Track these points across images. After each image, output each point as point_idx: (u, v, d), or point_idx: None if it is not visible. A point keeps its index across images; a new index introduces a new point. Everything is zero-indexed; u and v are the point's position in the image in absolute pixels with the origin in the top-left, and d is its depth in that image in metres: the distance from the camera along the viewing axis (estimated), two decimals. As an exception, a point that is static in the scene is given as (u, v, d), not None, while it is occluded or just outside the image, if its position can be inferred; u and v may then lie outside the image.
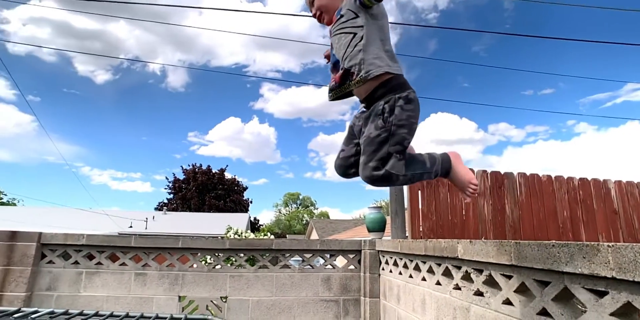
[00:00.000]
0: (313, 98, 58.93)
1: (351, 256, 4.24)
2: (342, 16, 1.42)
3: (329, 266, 4.20)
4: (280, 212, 52.12)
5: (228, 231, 12.58)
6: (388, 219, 4.53)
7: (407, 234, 4.32)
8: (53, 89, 46.65)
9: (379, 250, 4.05)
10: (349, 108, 62.04)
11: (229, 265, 4.07)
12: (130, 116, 55.67)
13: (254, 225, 30.88)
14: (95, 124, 51.48)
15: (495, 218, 4.16)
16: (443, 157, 1.44)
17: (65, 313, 3.44)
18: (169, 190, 32.29)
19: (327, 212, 51.32)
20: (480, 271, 2.08)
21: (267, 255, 4.14)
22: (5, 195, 38.00)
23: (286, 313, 3.96)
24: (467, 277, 2.24)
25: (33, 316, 3.37)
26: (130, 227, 20.57)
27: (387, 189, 4.86)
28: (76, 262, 3.88)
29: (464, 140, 58.39)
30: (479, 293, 2.10)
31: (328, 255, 4.21)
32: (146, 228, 20.49)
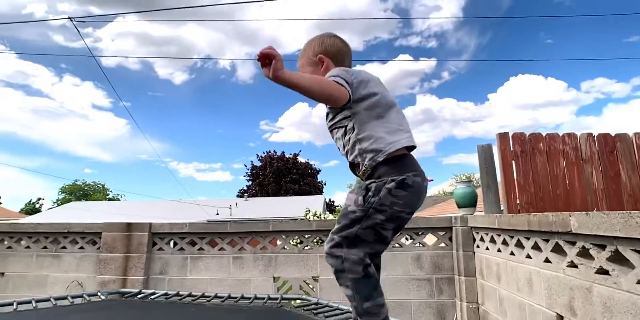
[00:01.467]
0: (379, 74, 56.87)
1: (441, 233, 4.07)
2: (327, 114, 1.39)
3: (418, 244, 4.09)
4: (353, 193, 52.55)
5: (307, 213, 12.96)
6: (478, 192, 4.25)
7: (502, 209, 4.02)
8: (140, 93, 51.41)
9: (471, 227, 3.83)
10: (418, 80, 59.24)
11: (317, 245, 4.16)
12: (206, 111, 59.47)
13: (330, 207, 31.52)
14: (177, 121, 56.18)
15: (609, 187, 3.67)
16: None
17: (177, 294, 3.78)
18: (248, 178, 34.12)
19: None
20: (602, 247, 1.83)
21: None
22: (111, 191, 43.38)
23: (378, 292, 3.96)
24: (584, 254, 2.00)
25: (152, 297, 3.76)
26: (217, 214, 22.10)
27: (474, 161, 4.54)
28: (182, 249, 4.25)
29: (552, 102, 52.89)
30: (602, 271, 1.86)
31: (416, 234, 4.10)
32: (231, 214, 21.87)
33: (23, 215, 29.20)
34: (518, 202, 3.90)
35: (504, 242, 3.05)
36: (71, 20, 5.14)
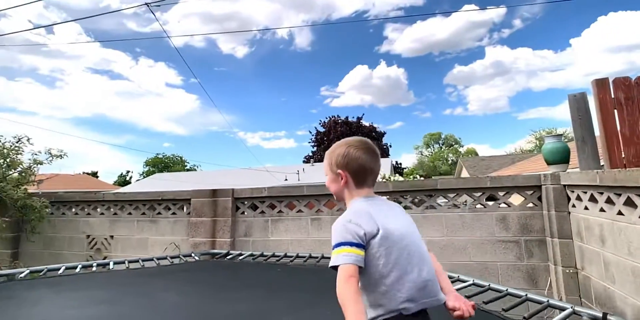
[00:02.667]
0: (442, 29, 53.13)
1: (529, 193, 3.78)
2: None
3: (503, 204, 3.85)
4: (422, 154, 50.89)
5: (375, 176, 12.89)
6: (571, 147, 3.83)
7: (601, 164, 3.58)
8: (206, 69, 53.57)
9: (565, 185, 3.49)
10: (486, 31, 53.86)
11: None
12: (269, 81, 60.59)
13: (396, 169, 31.12)
14: (242, 93, 58.16)
15: None
16: None
17: (262, 255, 3.98)
18: (312, 144, 34.64)
19: (475, 149, 47.76)
20: None
21: (432, 195, 4.01)
22: (188, 162, 46.86)
23: (461, 253, 3.85)
24: None
25: (240, 258, 4.00)
26: (286, 180, 22.86)
27: (556, 114, 4.05)
28: (262, 212, 4.46)
29: (652, 41, 45.36)
30: None
31: (501, 193, 3.85)
32: (298, 180, 22.48)
33: (117, 186, 32.80)
34: (623, 156, 3.44)
35: (609, 201, 2.73)
36: (148, 6, 5.33)
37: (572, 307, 2.04)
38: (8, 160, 5.31)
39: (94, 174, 42.08)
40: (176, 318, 1.79)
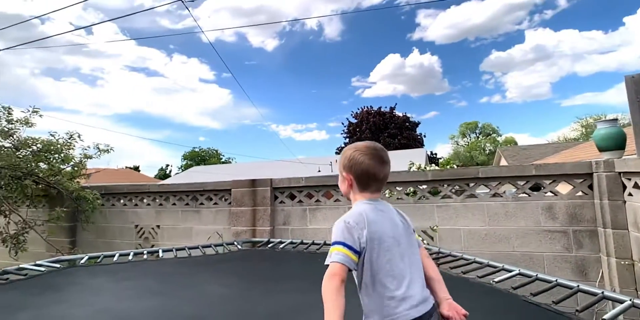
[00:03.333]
0: (478, 13, 50.86)
1: (578, 181, 3.59)
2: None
3: (549, 193, 3.69)
4: (457, 144, 49.47)
5: (410, 167, 12.70)
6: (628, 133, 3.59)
7: (662, 149, 3.34)
8: (237, 63, 54.45)
9: (620, 172, 3.29)
10: (526, 14, 51.02)
11: (433, 195, 4.05)
12: (299, 73, 60.68)
13: (432, 160, 30.49)
14: (273, 86, 58.68)
15: None
16: None
17: (302, 243, 4.03)
18: (345, 135, 34.52)
19: (514, 139, 45.72)
20: None
21: (472, 184, 3.91)
22: (223, 155, 48.12)
23: (503, 243, 3.74)
24: None
25: (280, 246, 4.08)
26: (319, 171, 22.95)
27: (605, 100, 3.80)
28: (300, 201, 4.53)
29: None
30: None
31: (547, 181, 3.69)
32: (332, 171, 22.51)
33: (157, 180, 34.24)
34: (687, 140, 3.20)
35: (671, 188, 2.56)
36: (182, 1, 5.45)
37: (631, 300, 1.93)
38: (62, 155, 5.67)
39: (136, 168, 44.09)
40: (224, 309, 1.85)
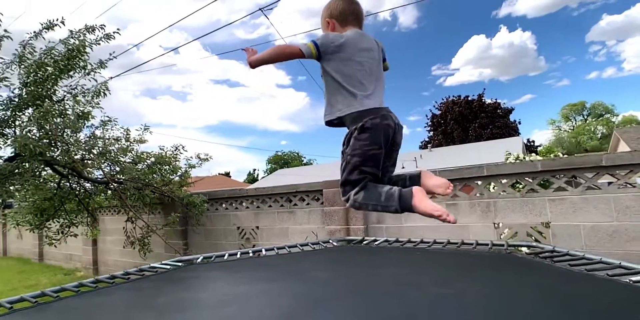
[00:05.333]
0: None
1: None
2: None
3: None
4: (560, 129, 44.16)
5: (507, 157, 11.64)
6: None
7: None
8: (311, 65, 55.83)
9: None
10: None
11: (544, 188, 3.63)
12: (374, 68, 60.05)
13: (529, 148, 27.80)
14: (349, 84, 58.86)
15: None
16: (402, 195, 1.35)
17: (397, 241, 3.93)
18: (428, 128, 33.16)
19: (636, 118, 39.22)
20: None
21: (593, 174, 3.42)
22: (304, 157, 49.62)
23: (638, 241, 3.20)
24: None
25: (376, 243, 4.03)
26: (403, 168, 22.36)
27: None
28: (393, 199, 4.43)
29: None
30: None
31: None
32: (417, 167, 21.82)
33: (247, 184, 36.49)
34: None
35: None
36: (261, 11, 5.71)
37: None
38: (171, 166, 6.33)
39: (227, 174, 47.66)
40: (329, 288, 1.97)
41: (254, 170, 52.31)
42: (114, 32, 5.07)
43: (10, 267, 10.92)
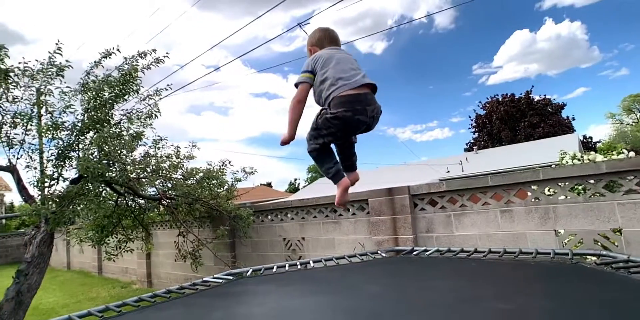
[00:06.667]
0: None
1: None
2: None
3: None
4: (621, 123, 40.77)
5: (563, 157, 10.87)
6: None
7: None
8: (351, 75, 56.28)
9: None
10: None
11: (612, 192, 3.34)
12: (412, 71, 59.23)
13: (586, 146, 25.94)
14: (385, 89, 58.29)
15: None
16: (335, 174, 1.90)
17: (449, 250, 3.76)
18: (473, 130, 31.96)
19: None
20: None
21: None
22: (344, 165, 49.54)
23: None
24: None
25: (427, 253, 3.89)
26: (448, 172, 21.63)
27: None
28: (443, 207, 4.26)
29: None
30: None
31: None
32: (462, 170, 21.00)
33: (289, 193, 36.75)
34: None
35: None
36: (300, 26, 5.80)
37: None
38: (218, 180, 6.53)
39: (269, 184, 48.47)
40: (381, 302, 1.88)
41: (295, 179, 52.84)
42: (163, 56, 5.39)
43: (73, 279, 11.73)
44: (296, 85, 1.83)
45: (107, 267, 11.80)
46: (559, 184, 3.53)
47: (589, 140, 28.23)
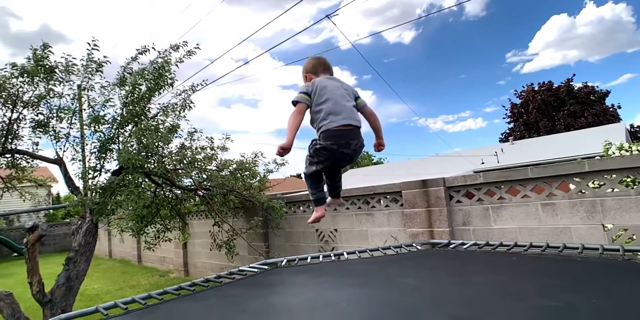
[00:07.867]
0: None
1: None
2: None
3: None
4: (673, 111, 37.95)
5: (607, 147, 10.25)
6: None
7: None
8: (376, 63, 55.23)
9: None
10: None
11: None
12: (443, 60, 57.61)
13: (634, 135, 24.37)
14: (415, 79, 57.19)
15: None
16: (317, 200, 2.32)
17: (487, 244, 3.64)
18: (508, 120, 30.74)
19: None
20: None
21: None
22: (374, 156, 48.92)
23: None
24: None
25: (464, 247, 3.79)
26: (482, 163, 20.95)
27: None
28: (480, 200, 4.13)
29: None
30: None
31: None
32: (498, 162, 20.25)
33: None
34: None
35: None
36: (328, 17, 5.74)
37: None
38: (251, 171, 6.63)
39: (298, 176, 48.77)
40: (418, 296, 1.86)
41: (325, 171, 52.74)
42: (194, 48, 5.49)
43: (115, 268, 12.38)
44: (294, 103, 2.00)
45: (146, 256, 12.36)
46: (605, 176, 3.32)
47: (637, 129, 26.49)
